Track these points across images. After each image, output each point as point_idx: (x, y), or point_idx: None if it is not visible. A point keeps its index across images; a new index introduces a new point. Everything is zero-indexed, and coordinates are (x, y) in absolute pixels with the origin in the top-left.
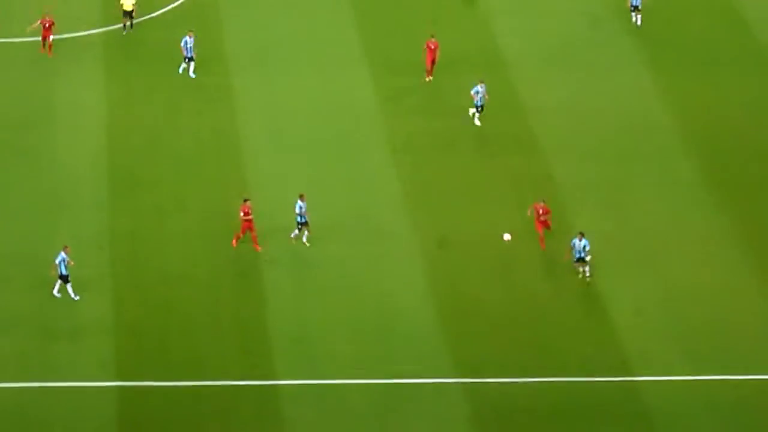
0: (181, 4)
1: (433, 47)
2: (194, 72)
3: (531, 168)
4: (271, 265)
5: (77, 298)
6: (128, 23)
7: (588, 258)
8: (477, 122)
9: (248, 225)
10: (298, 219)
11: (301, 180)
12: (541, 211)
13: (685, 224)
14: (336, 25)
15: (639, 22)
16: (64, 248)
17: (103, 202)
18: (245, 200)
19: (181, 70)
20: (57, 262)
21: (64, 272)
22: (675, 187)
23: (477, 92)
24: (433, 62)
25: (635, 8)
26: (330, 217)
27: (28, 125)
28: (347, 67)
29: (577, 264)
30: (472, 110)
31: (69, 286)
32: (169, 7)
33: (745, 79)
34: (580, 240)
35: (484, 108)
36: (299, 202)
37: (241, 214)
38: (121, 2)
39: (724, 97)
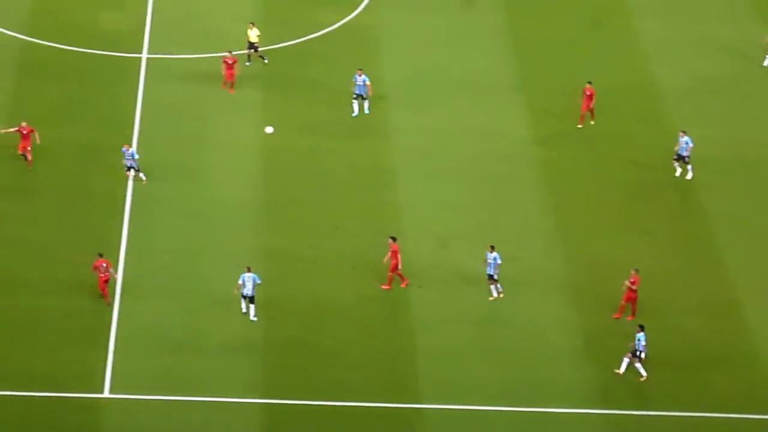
0: (333, 31)
1: (588, 93)
2: (369, 109)
3: (685, 206)
4: (420, 290)
5: (255, 319)
6: (253, 54)
7: None
8: None
9: (395, 263)
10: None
11: (453, 208)
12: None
13: None
14: (493, 54)
15: None
16: (248, 269)
17: (259, 222)
18: (392, 238)
19: (356, 111)
20: (240, 281)
21: (250, 293)
22: None
23: None
24: (587, 109)
25: None
26: (478, 244)
27: (191, 144)
28: (503, 98)
29: None
30: None
31: (252, 307)
32: (323, 32)
33: None
34: None
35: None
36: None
37: (389, 253)
38: (247, 34)
39: None
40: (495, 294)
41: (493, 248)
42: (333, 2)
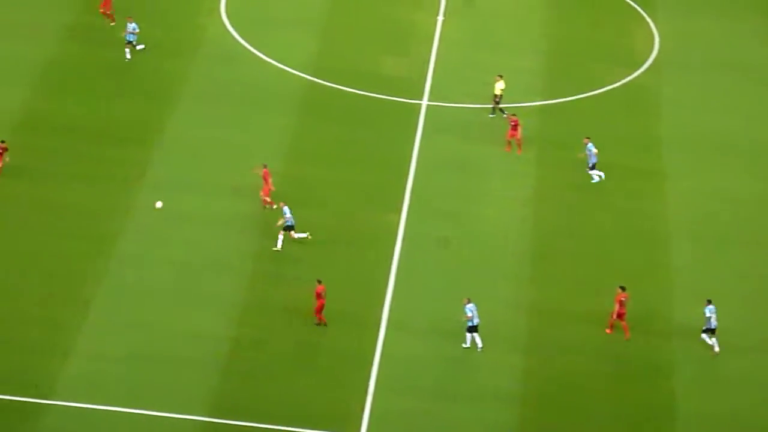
0: (612, 90)
1: None
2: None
3: None
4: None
5: (481, 346)
6: (495, 107)
7: None
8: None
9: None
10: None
11: (727, 273)
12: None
13: None
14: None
15: None
16: (467, 300)
17: (524, 274)
18: (622, 289)
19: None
20: (468, 314)
21: (474, 323)
22: None
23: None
24: None
25: None
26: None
27: (462, 192)
28: None
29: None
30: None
31: (477, 336)
32: (601, 90)
33: None
34: None
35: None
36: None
37: (617, 305)
38: (494, 86)
39: None
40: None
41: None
42: (615, 61)
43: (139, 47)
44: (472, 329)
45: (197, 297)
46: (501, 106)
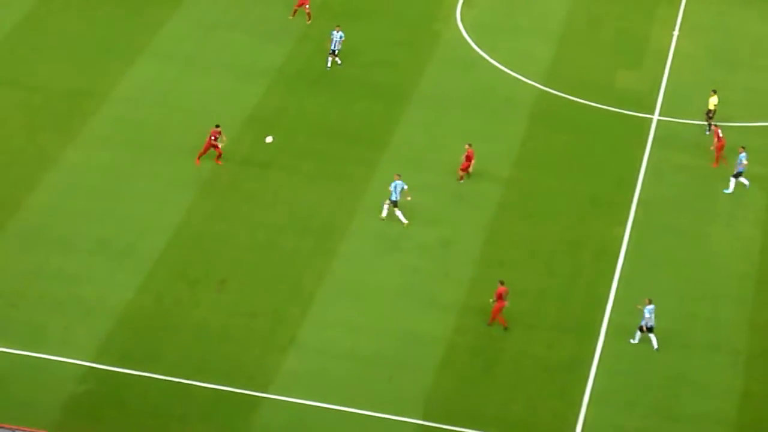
0: None
1: None
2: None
3: None
4: None
5: (656, 347)
6: (709, 123)
7: None
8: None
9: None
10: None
11: None
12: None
13: None
14: None
15: None
16: (648, 301)
17: (747, 295)
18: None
19: None
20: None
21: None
22: None
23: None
24: None
25: None
26: None
27: (687, 209)
28: None
29: None
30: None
31: (653, 336)
32: None
33: None
34: None
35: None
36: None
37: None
38: (708, 101)
39: None
40: None
41: None
42: None
43: (338, 61)
44: (649, 330)
45: (417, 299)
46: (713, 122)
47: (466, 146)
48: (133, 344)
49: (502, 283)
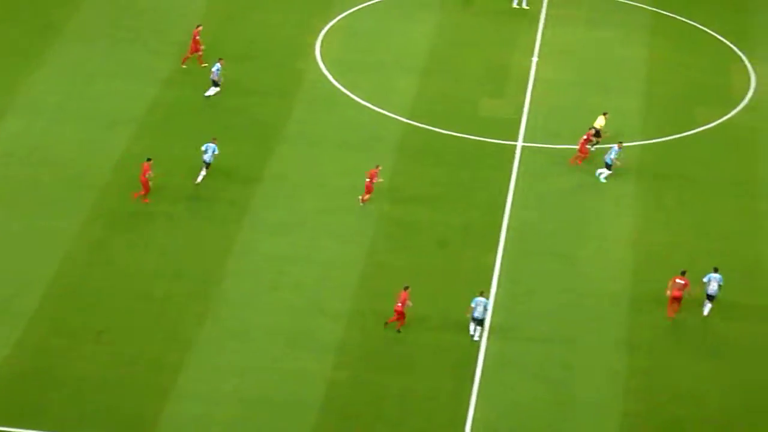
0: (709, 129)
1: None
2: None
3: None
4: None
5: (477, 338)
6: (596, 141)
7: None
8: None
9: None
10: None
11: None
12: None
13: None
14: None
15: None
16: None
17: (622, 315)
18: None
19: None
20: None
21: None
22: None
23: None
24: None
25: None
26: None
27: (560, 231)
28: None
29: None
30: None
31: (479, 328)
32: (699, 130)
33: None
34: None
35: None
36: None
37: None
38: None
39: None
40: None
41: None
42: (711, 100)
43: (211, 91)
44: (478, 321)
45: (297, 338)
46: (598, 138)
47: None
48: (14, 400)
49: (406, 288)
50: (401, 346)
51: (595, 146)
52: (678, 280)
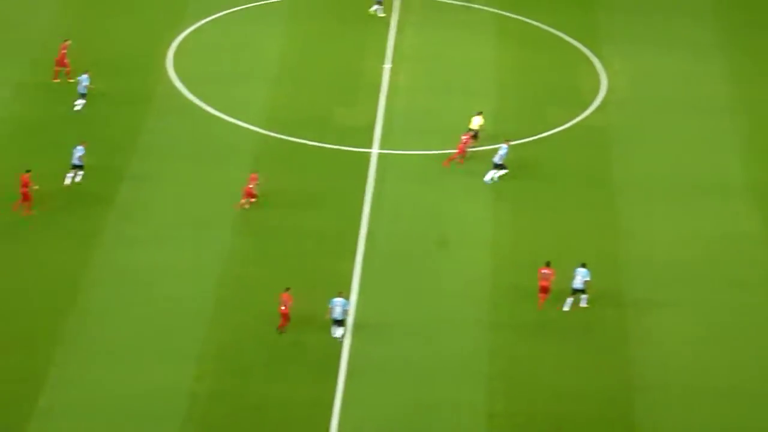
0: (563, 131)
1: None
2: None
3: None
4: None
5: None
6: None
7: None
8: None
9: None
10: None
11: (686, 311)
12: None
13: None
14: (731, 156)
15: None
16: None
17: (485, 318)
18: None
19: None
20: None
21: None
22: None
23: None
24: None
25: None
26: (710, 347)
27: (412, 238)
28: (738, 201)
29: None
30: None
31: (340, 329)
32: (553, 132)
33: None
34: None
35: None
36: None
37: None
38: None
39: None
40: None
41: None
42: (564, 102)
43: (79, 104)
44: (338, 322)
45: (157, 351)
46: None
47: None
48: None
49: (287, 289)
50: (262, 353)
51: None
52: (544, 271)
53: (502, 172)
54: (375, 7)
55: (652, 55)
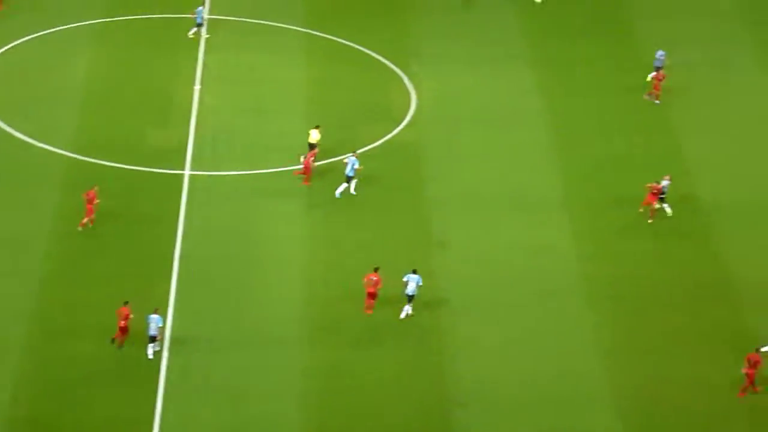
0: (377, 147)
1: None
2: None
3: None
4: (461, 408)
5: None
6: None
7: None
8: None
9: None
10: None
11: (498, 320)
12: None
13: None
14: (538, 170)
15: None
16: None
17: (304, 336)
18: None
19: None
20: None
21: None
22: None
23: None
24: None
25: None
26: (523, 355)
27: (227, 259)
28: (548, 214)
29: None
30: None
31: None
32: (367, 148)
33: None
34: None
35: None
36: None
37: None
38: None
39: None
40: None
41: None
42: (375, 119)
43: None
44: (152, 339)
45: None
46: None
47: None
48: None
49: (126, 303)
50: (74, 374)
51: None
52: (372, 277)
53: (354, 183)
54: (194, 29)
55: (460, 72)
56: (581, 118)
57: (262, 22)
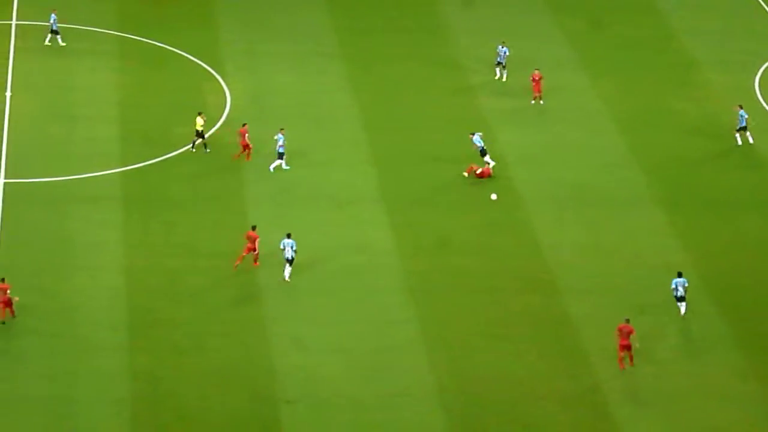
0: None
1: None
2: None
3: (548, 307)
4: (288, 405)
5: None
6: (198, 143)
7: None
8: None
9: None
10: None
11: (320, 322)
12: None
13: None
14: (353, 166)
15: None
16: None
17: (124, 342)
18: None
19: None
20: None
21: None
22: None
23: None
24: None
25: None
26: (353, 357)
27: (45, 267)
28: (363, 205)
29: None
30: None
31: None
32: (181, 150)
33: (763, 220)
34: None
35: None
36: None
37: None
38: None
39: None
40: None
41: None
42: (190, 121)
43: None
44: None
45: None
46: (203, 140)
47: None
48: None
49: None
50: None
51: (197, 143)
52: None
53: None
54: (50, 36)
55: (274, 71)
56: (393, 113)
57: (73, 26)
